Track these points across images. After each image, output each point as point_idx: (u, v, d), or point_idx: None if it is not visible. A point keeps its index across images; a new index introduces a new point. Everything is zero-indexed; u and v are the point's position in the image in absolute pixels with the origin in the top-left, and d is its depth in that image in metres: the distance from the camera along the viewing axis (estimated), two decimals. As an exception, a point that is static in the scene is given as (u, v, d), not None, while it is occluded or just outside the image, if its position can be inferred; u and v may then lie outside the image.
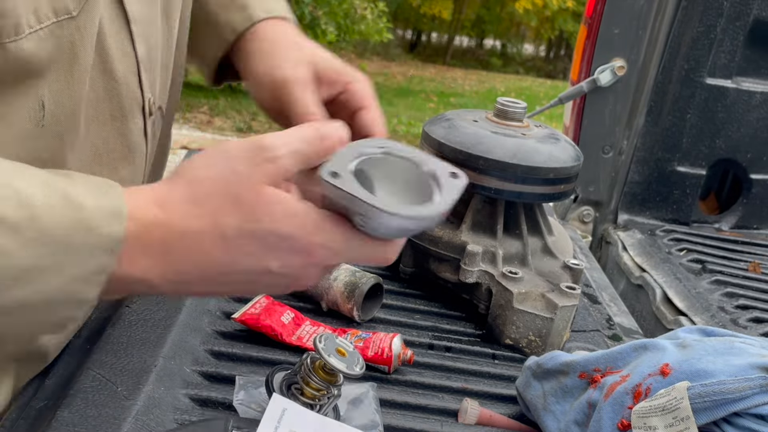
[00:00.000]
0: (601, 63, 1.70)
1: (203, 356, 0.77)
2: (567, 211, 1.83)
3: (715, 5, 1.66)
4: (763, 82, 1.77)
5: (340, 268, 0.90)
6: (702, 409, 0.60)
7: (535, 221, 1.01)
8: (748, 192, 1.84)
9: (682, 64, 1.70)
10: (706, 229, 1.83)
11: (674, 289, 1.45)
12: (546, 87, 12.79)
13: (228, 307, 0.87)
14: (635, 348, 0.71)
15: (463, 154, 0.95)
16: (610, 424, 0.65)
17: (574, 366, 0.74)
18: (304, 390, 0.67)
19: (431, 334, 0.92)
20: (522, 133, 0.98)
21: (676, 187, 1.81)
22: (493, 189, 0.95)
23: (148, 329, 0.77)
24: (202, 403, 0.70)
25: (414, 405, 0.77)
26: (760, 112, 1.77)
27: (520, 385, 0.79)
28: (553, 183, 0.97)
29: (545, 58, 18.21)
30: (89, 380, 0.68)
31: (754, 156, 1.81)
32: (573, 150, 1.01)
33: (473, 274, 0.94)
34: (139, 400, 0.66)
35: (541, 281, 0.94)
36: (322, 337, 0.65)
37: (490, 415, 0.76)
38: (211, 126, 6.67)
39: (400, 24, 16.45)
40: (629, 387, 0.66)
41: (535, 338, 0.89)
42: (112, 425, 0.63)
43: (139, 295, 0.65)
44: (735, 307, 1.39)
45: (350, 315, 0.89)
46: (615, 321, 1.05)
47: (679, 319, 1.35)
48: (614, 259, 1.72)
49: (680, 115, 1.75)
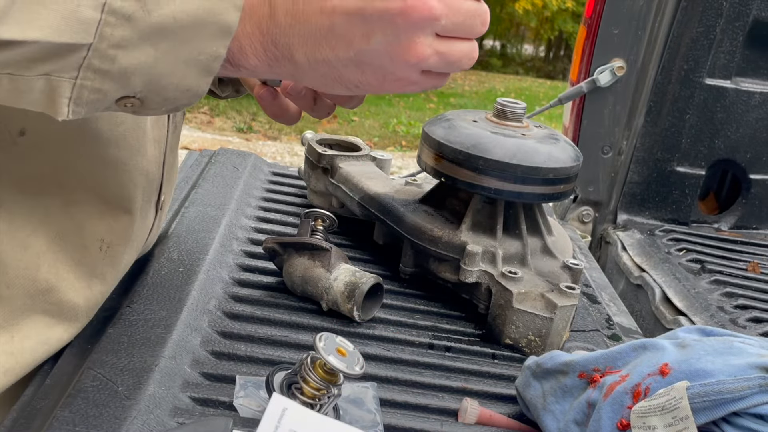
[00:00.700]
0: (600, 63, 1.70)
1: (203, 356, 0.78)
2: (566, 211, 1.83)
3: (714, 6, 1.66)
4: (762, 83, 1.77)
5: (340, 267, 0.91)
6: (701, 409, 0.60)
7: (534, 221, 1.02)
8: (747, 192, 1.84)
9: (682, 64, 1.70)
10: (705, 229, 1.83)
11: (673, 288, 1.45)
12: (545, 87, 12.79)
13: (229, 307, 0.88)
14: (635, 348, 0.72)
15: (463, 155, 0.95)
16: (610, 423, 0.65)
17: (573, 366, 0.74)
18: (304, 389, 0.67)
19: (431, 334, 0.92)
20: (522, 134, 0.98)
21: (676, 187, 1.81)
22: (492, 189, 0.95)
23: (148, 329, 0.77)
24: (202, 403, 0.71)
25: (414, 405, 0.77)
26: (759, 113, 1.77)
27: (520, 384, 0.79)
28: (553, 183, 0.97)
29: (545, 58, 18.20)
30: (89, 380, 0.68)
31: (753, 156, 1.81)
32: (572, 150, 1.01)
33: (473, 274, 0.94)
34: (140, 400, 0.66)
35: (541, 281, 0.94)
36: (322, 336, 0.66)
37: (490, 415, 0.76)
38: (212, 126, 6.67)
39: (400, 24, 16.39)
40: (629, 387, 0.66)
41: (534, 338, 0.90)
42: (112, 425, 0.63)
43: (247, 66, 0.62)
44: (734, 306, 1.39)
45: (350, 315, 0.89)
46: (614, 321, 1.05)
47: (679, 319, 1.35)
48: (613, 259, 1.72)
49: (679, 116, 1.75)
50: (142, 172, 0.78)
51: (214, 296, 0.89)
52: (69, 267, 0.72)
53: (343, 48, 0.58)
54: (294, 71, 0.61)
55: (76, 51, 0.51)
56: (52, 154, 0.69)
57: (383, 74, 0.60)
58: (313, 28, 0.58)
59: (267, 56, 0.59)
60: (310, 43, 0.59)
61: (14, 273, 0.68)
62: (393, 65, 0.59)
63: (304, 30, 0.58)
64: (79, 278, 0.73)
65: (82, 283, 0.74)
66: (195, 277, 0.90)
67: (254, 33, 0.58)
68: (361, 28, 0.58)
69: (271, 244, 0.95)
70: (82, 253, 0.73)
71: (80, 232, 0.72)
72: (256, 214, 1.17)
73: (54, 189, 0.70)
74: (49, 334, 0.72)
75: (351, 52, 0.59)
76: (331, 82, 0.62)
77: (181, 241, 0.98)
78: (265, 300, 0.92)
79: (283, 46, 0.59)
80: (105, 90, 0.54)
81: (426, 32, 0.58)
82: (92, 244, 0.74)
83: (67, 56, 0.51)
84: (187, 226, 1.03)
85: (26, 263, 0.69)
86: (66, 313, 0.73)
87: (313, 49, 0.59)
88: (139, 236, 0.82)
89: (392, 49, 0.58)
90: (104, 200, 0.74)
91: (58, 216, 0.70)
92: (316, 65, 0.60)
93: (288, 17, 0.58)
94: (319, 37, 0.58)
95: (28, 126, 0.66)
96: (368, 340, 0.88)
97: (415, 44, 0.58)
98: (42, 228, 0.69)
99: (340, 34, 0.58)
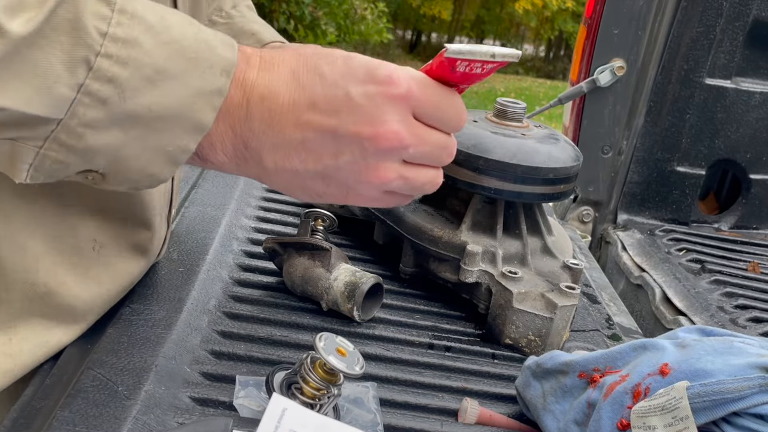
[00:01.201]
0: (600, 63, 1.70)
1: (203, 356, 0.78)
2: (567, 211, 1.83)
3: (714, 6, 1.66)
4: (762, 83, 1.77)
5: (340, 267, 0.91)
6: (701, 409, 0.60)
7: (534, 221, 1.02)
8: (748, 192, 1.84)
9: (682, 64, 1.70)
10: (705, 229, 1.83)
11: (673, 288, 1.45)
12: (546, 87, 12.78)
13: (229, 307, 0.88)
14: (635, 348, 0.72)
15: (463, 154, 0.95)
16: (610, 423, 0.65)
17: (573, 366, 0.74)
18: (304, 389, 0.67)
19: (431, 334, 0.92)
20: (522, 134, 0.98)
21: (676, 187, 1.81)
22: (492, 189, 0.95)
23: (148, 329, 0.77)
24: (202, 403, 0.71)
25: (414, 405, 0.77)
26: (760, 113, 1.77)
27: (520, 384, 0.79)
28: (553, 183, 0.97)
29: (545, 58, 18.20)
30: (89, 380, 0.68)
31: (754, 156, 1.81)
32: (572, 150, 1.01)
33: (473, 274, 0.94)
34: (140, 400, 0.66)
35: (541, 281, 0.94)
36: (322, 336, 0.66)
37: (490, 415, 0.76)
38: (211, 126, 6.65)
39: (400, 24, 16.44)
40: (629, 386, 0.66)
41: (534, 338, 0.90)
42: (112, 425, 0.63)
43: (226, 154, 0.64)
44: (734, 306, 1.39)
45: (350, 315, 0.89)
46: (614, 321, 1.05)
47: (679, 319, 1.35)
48: (614, 259, 1.72)
49: (679, 116, 1.75)
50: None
51: (214, 296, 0.89)
52: (66, 269, 0.72)
53: (311, 161, 0.60)
54: (260, 174, 0.62)
55: (45, 124, 0.52)
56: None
57: (347, 189, 0.62)
58: (286, 138, 0.59)
59: (236, 156, 0.61)
60: (281, 151, 0.60)
61: (13, 276, 0.68)
62: (357, 184, 0.61)
63: (276, 139, 0.59)
64: (77, 281, 0.73)
65: (80, 285, 0.74)
66: (195, 277, 0.90)
67: (227, 132, 0.59)
68: (332, 145, 0.59)
69: (271, 244, 0.95)
70: (78, 256, 0.73)
71: (74, 234, 0.72)
72: (256, 214, 1.17)
73: (48, 191, 0.70)
74: (47, 336, 0.72)
75: (319, 166, 0.60)
76: (295, 189, 0.64)
77: (181, 241, 0.98)
78: (265, 300, 0.92)
79: (254, 150, 0.60)
80: (67, 162, 0.55)
81: (393, 158, 0.60)
82: (85, 245, 0.74)
83: (35, 127, 0.52)
84: (187, 226, 1.03)
85: (25, 266, 0.69)
86: (64, 315, 0.73)
87: (282, 158, 0.60)
88: (152, 248, 0.83)
89: (358, 169, 0.60)
90: (95, 200, 0.74)
91: (53, 218, 0.70)
92: (283, 172, 0.61)
93: (263, 124, 0.59)
94: (290, 148, 0.60)
95: None
96: (368, 340, 0.88)
97: (380, 168, 0.60)
98: (39, 231, 0.69)
99: (311, 149, 0.60)
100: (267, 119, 0.59)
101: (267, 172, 0.62)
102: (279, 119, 0.59)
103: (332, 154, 0.60)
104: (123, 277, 0.81)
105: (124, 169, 0.57)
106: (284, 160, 0.60)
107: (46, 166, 0.54)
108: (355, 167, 0.60)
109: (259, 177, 0.64)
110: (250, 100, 0.59)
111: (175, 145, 0.56)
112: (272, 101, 0.59)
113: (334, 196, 0.63)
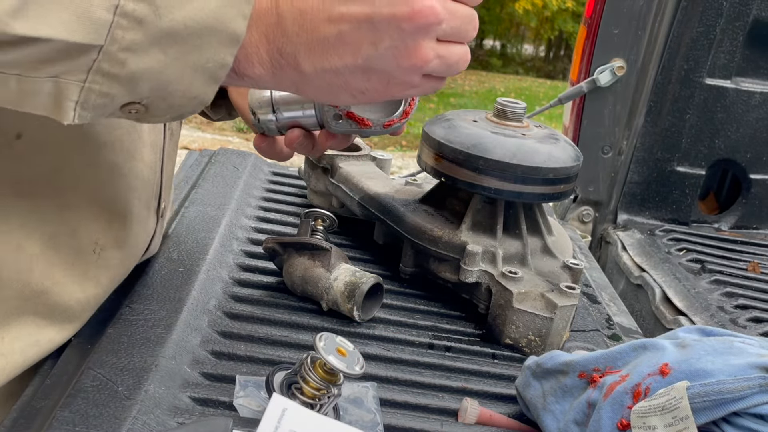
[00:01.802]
0: (600, 63, 1.70)
1: (203, 356, 0.78)
2: (567, 211, 1.83)
3: (714, 5, 1.66)
4: (762, 83, 1.77)
5: (340, 267, 0.91)
6: (701, 409, 0.60)
7: (534, 221, 1.02)
8: (748, 192, 1.84)
9: (682, 64, 1.70)
10: (705, 229, 1.83)
11: (674, 288, 1.45)
12: (546, 87, 12.79)
13: (229, 307, 0.88)
14: (635, 348, 0.72)
15: (463, 154, 0.95)
16: (610, 423, 0.65)
17: (573, 366, 0.74)
18: (304, 389, 0.67)
19: (431, 334, 0.92)
20: (522, 134, 0.98)
21: (676, 187, 1.81)
22: (492, 189, 0.95)
23: (148, 329, 0.77)
24: (202, 403, 0.71)
25: (414, 405, 0.77)
26: (760, 113, 1.77)
27: (520, 384, 0.79)
28: (553, 183, 0.97)
29: (545, 58, 18.20)
30: (89, 380, 0.68)
31: (754, 156, 1.81)
32: (572, 150, 1.01)
33: (473, 274, 0.94)
34: (140, 400, 0.66)
35: (541, 281, 0.94)
36: (322, 336, 0.66)
37: (490, 415, 0.76)
38: (212, 126, 6.67)
39: (400, 24, 16.39)
40: (629, 386, 0.66)
41: (534, 338, 0.90)
42: (112, 425, 0.63)
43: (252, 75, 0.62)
44: (734, 306, 1.39)
45: (350, 315, 0.89)
46: (614, 321, 1.05)
47: (679, 319, 1.35)
48: (614, 258, 1.72)
49: (679, 116, 1.75)
50: (138, 177, 0.78)
51: (214, 296, 0.89)
52: (62, 270, 0.72)
53: (350, 55, 0.59)
54: (298, 80, 0.61)
55: (87, 53, 0.51)
56: (48, 157, 0.69)
57: (388, 79, 0.61)
58: (321, 36, 0.58)
59: (272, 65, 0.59)
60: (317, 51, 0.59)
61: (7, 275, 0.68)
62: (399, 70, 0.60)
63: (311, 39, 0.58)
64: (73, 281, 0.73)
65: (76, 286, 0.74)
66: (195, 277, 0.90)
67: (261, 41, 0.58)
68: (369, 34, 0.58)
69: (271, 244, 0.95)
70: (75, 256, 0.73)
71: (74, 235, 0.72)
72: (256, 214, 1.17)
73: (48, 191, 0.70)
74: (39, 335, 0.72)
75: (359, 59, 0.59)
76: (336, 90, 0.62)
77: (181, 241, 0.98)
78: (265, 300, 0.92)
79: (289, 55, 0.59)
80: (112, 94, 0.54)
81: (430, 36, 0.59)
82: (86, 247, 0.74)
83: (77, 58, 0.51)
84: (187, 226, 1.03)
85: (20, 266, 0.69)
86: (58, 315, 0.73)
87: (320, 58, 0.59)
88: (137, 242, 0.82)
89: (398, 54, 0.59)
90: (98, 203, 0.74)
91: (52, 219, 0.70)
92: (322, 74, 0.60)
93: (295, 26, 0.58)
94: (327, 46, 0.58)
95: (24, 129, 0.66)
96: (368, 340, 0.88)
97: (420, 48, 0.59)
98: (36, 231, 0.69)
99: (348, 42, 0.58)
100: (299, 20, 0.58)
101: (306, 78, 0.60)
102: (311, 18, 0.58)
103: (371, 42, 0.58)
104: (121, 275, 0.81)
105: (167, 94, 0.56)
106: (322, 60, 0.59)
107: (92, 101, 0.53)
108: (395, 52, 0.59)
109: (298, 85, 0.62)
110: (279, 4, 0.58)
111: (214, 60, 0.55)
112: (302, 1, 0.58)
113: (376, 90, 0.61)
